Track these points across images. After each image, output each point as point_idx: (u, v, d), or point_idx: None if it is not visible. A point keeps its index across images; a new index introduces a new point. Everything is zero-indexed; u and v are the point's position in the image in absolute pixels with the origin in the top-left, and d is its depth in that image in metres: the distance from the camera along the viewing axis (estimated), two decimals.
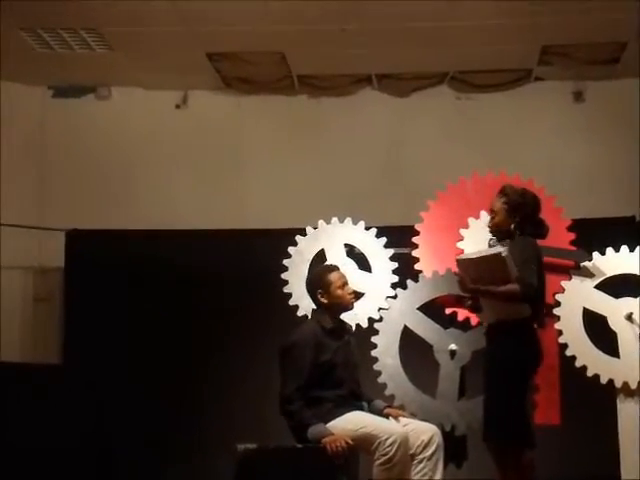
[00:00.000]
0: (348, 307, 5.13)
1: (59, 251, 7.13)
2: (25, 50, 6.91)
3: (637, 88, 7.16)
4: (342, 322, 5.17)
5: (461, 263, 4.97)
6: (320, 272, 5.20)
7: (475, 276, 4.88)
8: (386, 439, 4.74)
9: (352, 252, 5.86)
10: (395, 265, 5.79)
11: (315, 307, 5.17)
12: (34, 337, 7.36)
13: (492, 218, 4.99)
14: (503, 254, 4.76)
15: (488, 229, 5.02)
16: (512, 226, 4.91)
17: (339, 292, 5.05)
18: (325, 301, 5.05)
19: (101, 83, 7.61)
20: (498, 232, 4.96)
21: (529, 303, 4.76)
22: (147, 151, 7.57)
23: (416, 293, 5.70)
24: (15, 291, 7.28)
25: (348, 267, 5.71)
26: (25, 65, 7.13)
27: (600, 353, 5.55)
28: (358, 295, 5.63)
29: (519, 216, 4.91)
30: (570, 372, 5.56)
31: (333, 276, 5.08)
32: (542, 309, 5.03)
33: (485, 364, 4.90)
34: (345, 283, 5.10)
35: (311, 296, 5.16)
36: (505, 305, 4.82)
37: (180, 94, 7.64)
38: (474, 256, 4.93)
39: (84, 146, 7.57)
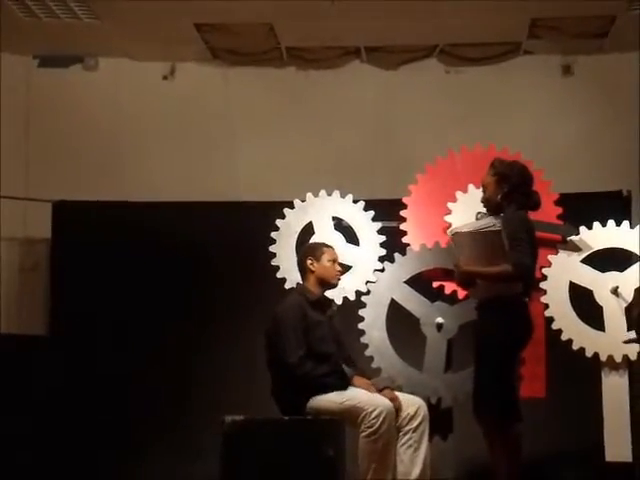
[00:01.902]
0: (332, 282, 5.24)
1: (45, 222, 7.10)
2: (11, 18, 6.84)
3: (626, 62, 7.15)
4: (325, 297, 5.24)
5: (456, 236, 4.99)
6: (316, 244, 5.38)
7: (469, 249, 4.90)
8: (372, 411, 4.79)
9: (340, 225, 5.87)
10: (383, 238, 5.80)
11: (301, 281, 5.22)
12: (20, 308, 7.34)
13: (483, 193, 5.02)
14: (497, 227, 4.79)
15: (482, 204, 5.03)
16: (499, 197, 4.92)
17: (328, 264, 5.19)
18: (313, 269, 5.14)
19: (88, 53, 7.54)
20: (490, 206, 4.98)
21: (522, 281, 4.79)
22: (134, 122, 7.52)
23: (403, 266, 5.71)
24: (1, 262, 7.25)
25: (336, 240, 5.73)
26: (11, 34, 7.04)
27: (586, 327, 5.59)
28: (345, 268, 5.66)
29: (506, 187, 4.92)
30: (556, 345, 5.59)
31: (327, 249, 5.25)
32: (533, 284, 5.06)
33: (476, 339, 4.93)
34: (336, 260, 5.25)
35: (300, 264, 5.26)
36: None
37: (168, 65, 7.58)
38: (468, 229, 4.95)
39: (70, 117, 7.51)
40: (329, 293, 5.37)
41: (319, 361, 4.95)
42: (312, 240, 5.70)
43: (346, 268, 5.70)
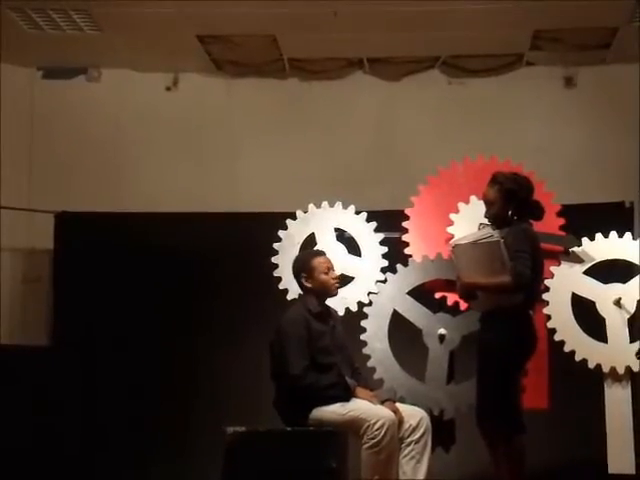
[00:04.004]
0: (332, 292, 5.18)
1: (48, 233, 7.11)
2: (15, 31, 6.86)
3: (628, 74, 7.15)
4: (327, 307, 5.21)
5: (456, 248, 4.99)
6: (305, 256, 5.27)
7: (469, 261, 4.90)
8: (374, 423, 4.77)
9: (342, 236, 5.87)
10: (385, 249, 5.80)
11: (301, 292, 5.22)
12: (23, 319, 7.35)
13: (488, 209, 5.00)
14: (496, 238, 4.79)
15: (487, 220, 5.02)
16: (509, 213, 4.92)
17: (323, 277, 5.11)
18: (309, 285, 5.10)
19: (91, 65, 7.57)
20: (496, 221, 4.97)
21: (522, 293, 4.78)
22: (137, 133, 7.54)
23: (406, 277, 5.71)
24: (4, 273, 7.26)
25: (338, 251, 5.73)
26: (15, 46, 7.08)
27: (588, 338, 5.58)
28: (347, 280, 5.66)
29: (515, 202, 4.93)
30: (558, 357, 5.59)
31: (317, 261, 5.13)
32: (537, 295, 5.05)
33: (479, 350, 4.93)
34: (330, 268, 5.15)
35: (296, 280, 5.21)
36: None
37: (170, 76, 7.60)
38: (468, 240, 4.95)
39: (73, 128, 7.53)
40: (331, 303, 5.36)
41: (322, 372, 4.93)
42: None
43: (347, 280, 5.70)
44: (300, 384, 4.86)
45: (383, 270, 5.76)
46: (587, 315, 5.64)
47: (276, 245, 5.80)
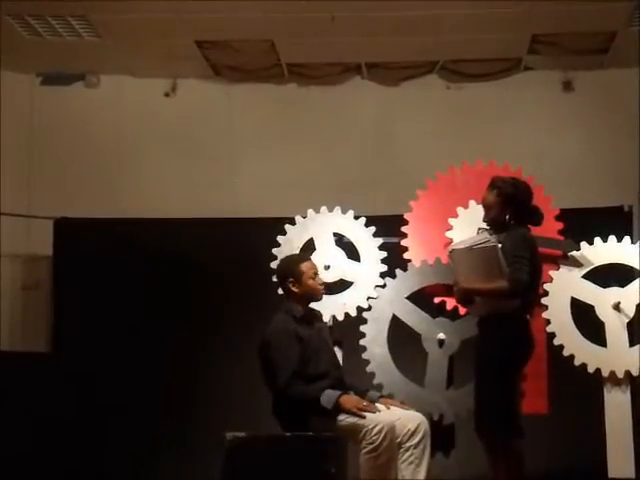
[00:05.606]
0: (317, 297, 5.11)
1: (47, 239, 7.12)
2: (14, 37, 6.89)
3: (626, 78, 7.17)
4: (312, 310, 5.16)
5: (453, 253, 4.99)
6: (292, 261, 5.19)
7: (466, 266, 4.89)
8: (372, 428, 4.76)
9: (341, 241, 5.87)
10: (384, 254, 5.80)
11: (285, 297, 5.15)
12: (22, 325, 7.35)
13: (487, 213, 4.99)
14: (493, 243, 4.79)
15: (485, 224, 5.01)
16: (506, 217, 4.92)
17: (310, 282, 5.04)
18: (296, 290, 5.03)
19: (90, 71, 7.58)
20: (494, 225, 4.96)
21: (518, 298, 4.78)
22: (136, 139, 7.55)
23: (405, 282, 5.71)
24: (3, 279, 7.26)
25: (337, 256, 5.73)
26: (14, 52, 7.10)
27: (587, 342, 5.58)
28: (346, 284, 5.65)
29: (513, 206, 4.92)
30: (558, 361, 5.59)
31: (305, 266, 5.07)
32: (535, 300, 5.05)
33: (476, 355, 4.92)
34: (316, 273, 5.09)
35: (281, 285, 5.13)
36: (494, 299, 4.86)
37: (169, 82, 7.62)
38: (465, 245, 4.94)
39: (72, 134, 7.55)
40: (331, 308, 5.33)
41: (316, 377, 4.89)
42: (313, 256, 5.67)
43: (347, 284, 5.70)
44: (288, 392, 4.78)
45: (382, 275, 5.76)
46: (586, 319, 5.64)
47: (275, 250, 5.80)
